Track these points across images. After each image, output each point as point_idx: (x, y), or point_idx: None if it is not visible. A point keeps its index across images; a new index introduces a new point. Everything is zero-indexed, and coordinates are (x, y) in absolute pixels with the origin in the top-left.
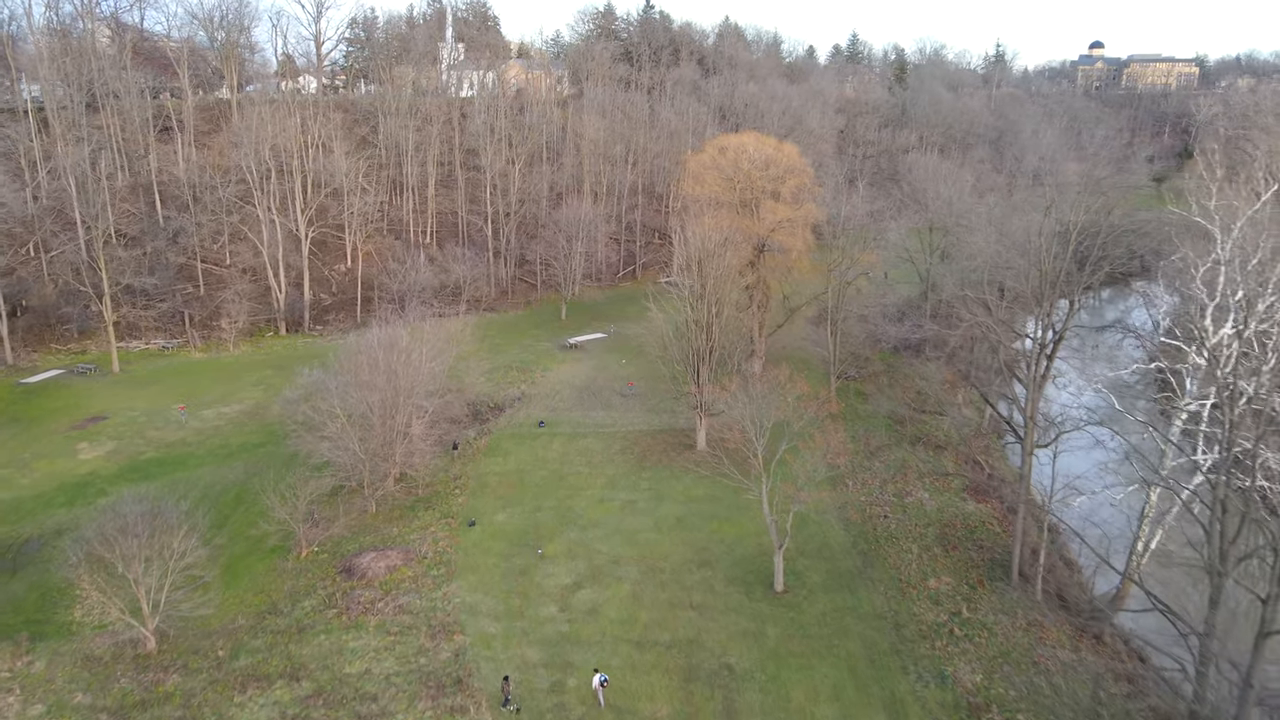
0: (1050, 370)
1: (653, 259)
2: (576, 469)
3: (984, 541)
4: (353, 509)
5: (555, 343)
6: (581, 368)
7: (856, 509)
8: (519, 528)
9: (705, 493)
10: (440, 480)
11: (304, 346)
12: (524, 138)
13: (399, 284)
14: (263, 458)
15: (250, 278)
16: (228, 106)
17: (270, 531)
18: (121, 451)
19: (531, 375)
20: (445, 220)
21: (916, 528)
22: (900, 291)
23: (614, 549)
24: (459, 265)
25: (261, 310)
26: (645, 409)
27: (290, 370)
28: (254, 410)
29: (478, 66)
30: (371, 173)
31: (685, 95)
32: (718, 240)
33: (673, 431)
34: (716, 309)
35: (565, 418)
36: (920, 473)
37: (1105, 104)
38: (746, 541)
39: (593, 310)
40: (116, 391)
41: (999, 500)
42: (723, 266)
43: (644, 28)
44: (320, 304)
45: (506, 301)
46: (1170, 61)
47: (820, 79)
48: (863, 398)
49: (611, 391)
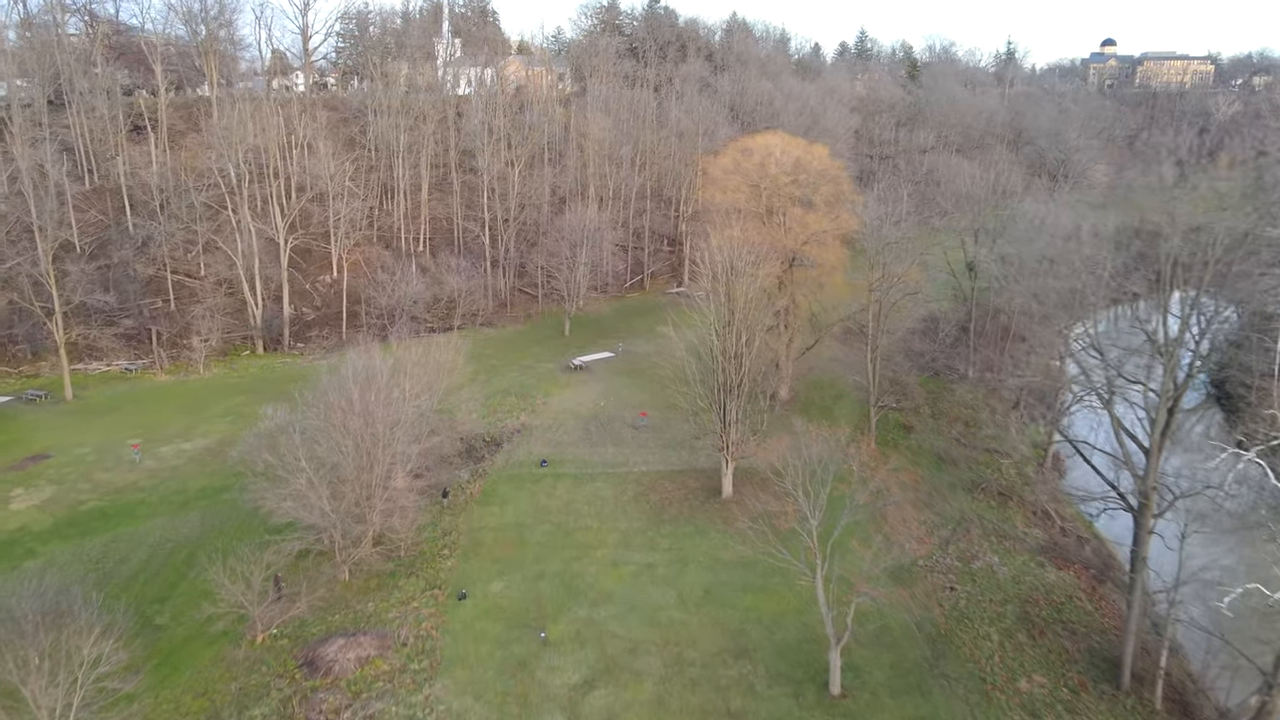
0: (1174, 422)
1: (662, 267)
2: (584, 522)
3: (1075, 624)
4: (321, 578)
5: (558, 363)
6: (588, 393)
7: (916, 574)
8: (517, 602)
9: (735, 554)
10: (426, 538)
11: (282, 368)
12: (524, 138)
13: (388, 297)
14: (223, 508)
15: (226, 290)
16: (207, 105)
17: (219, 614)
18: (60, 500)
19: (532, 402)
20: (439, 227)
21: (992, 604)
22: (935, 304)
23: (631, 631)
24: (453, 276)
25: (237, 326)
26: (660, 444)
27: (265, 396)
28: (218, 447)
29: (475, 63)
30: (360, 175)
31: (694, 93)
32: (749, 258)
33: (693, 473)
34: (747, 337)
35: (570, 455)
36: (985, 529)
37: (1121, 102)
38: (788, 622)
39: (598, 325)
40: (65, 424)
41: (1083, 567)
42: (754, 289)
43: (649, 22)
44: (302, 319)
45: (505, 315)
46: (1185, 59)
47: (831, 76)
48: (905, 432)
49: (622, 423)
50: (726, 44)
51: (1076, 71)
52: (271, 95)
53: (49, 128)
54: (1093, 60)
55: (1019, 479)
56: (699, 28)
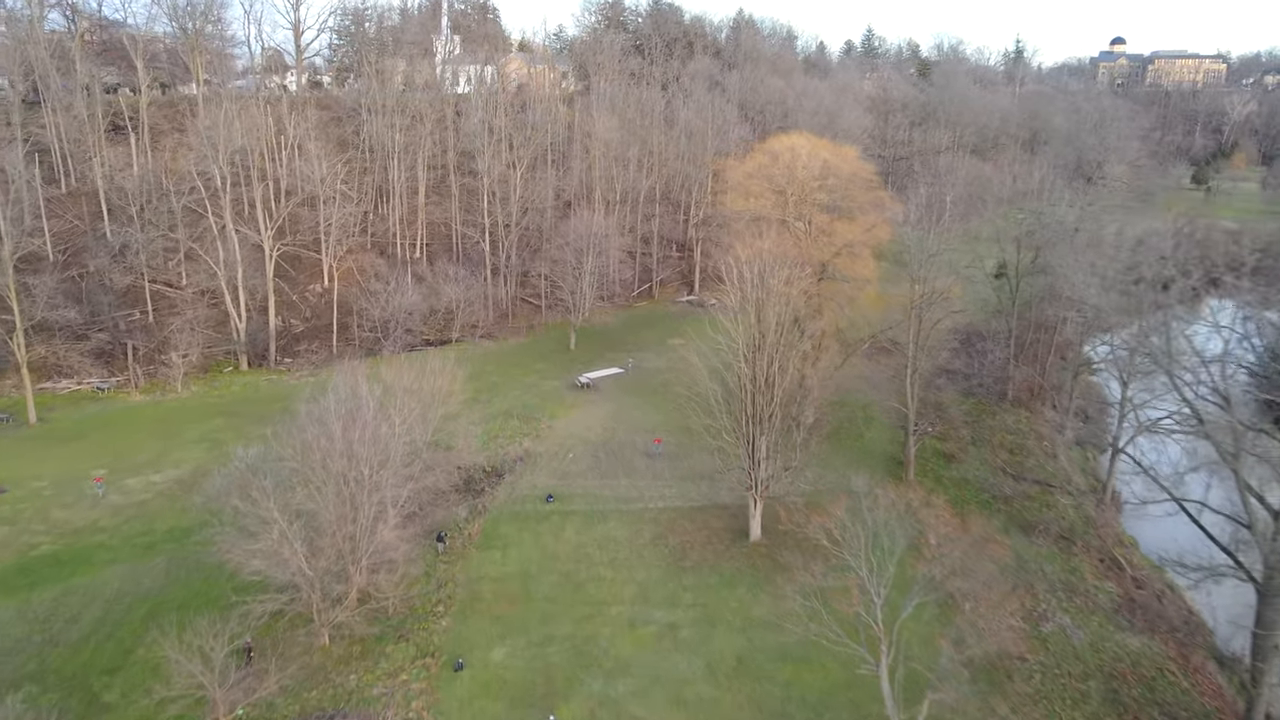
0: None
1: (671, 274)
2: (597, 571)
3: (1173, 706)
4: (296, 646)
5: (563, 381)
6: (597, 414)
7: (979, 638)
8: (522, 673)
9: (768, 610)
10: (418, 593)
11: (267, 386)
12: (526, 138)
13: (381, 309)
14: (192, 552)
15: (209, 301)
16: (193, 104)
17: (173, 696)
18: (10, 544)
19: (536, 425)
20: (437, 232)
21: (1071, 681)
22: (967, 314)
23: (655, 713)
24: (451, 286)
25: (220, 340)
26: (678, 475)
27: (246, 418)
28: (192, 478)
29: (475, 60)
30: (353, 178)
31: (703, 91)
32: (782, 274)
33: (716, 510)
34: (780, 363)
35: (579, 488)
36: (1050, 582)
37: (1134, 102)
38: (837, 701)
39: (605, 337)
40: (24, 451)
41: (1170, 631)
42: (787, 311)
43: (655, 19)
44: (290, 331)
45: (506, 326)
46: (1196, 58)
47: (841, 74)
48: (945, 461)
49: (635, 450)
50: (734, 40)
51: (1085, 70)
52: (261, 94)
53: (22, 127)
54: (1102, 59)
55: (1079, 520)
56: (704, 25)
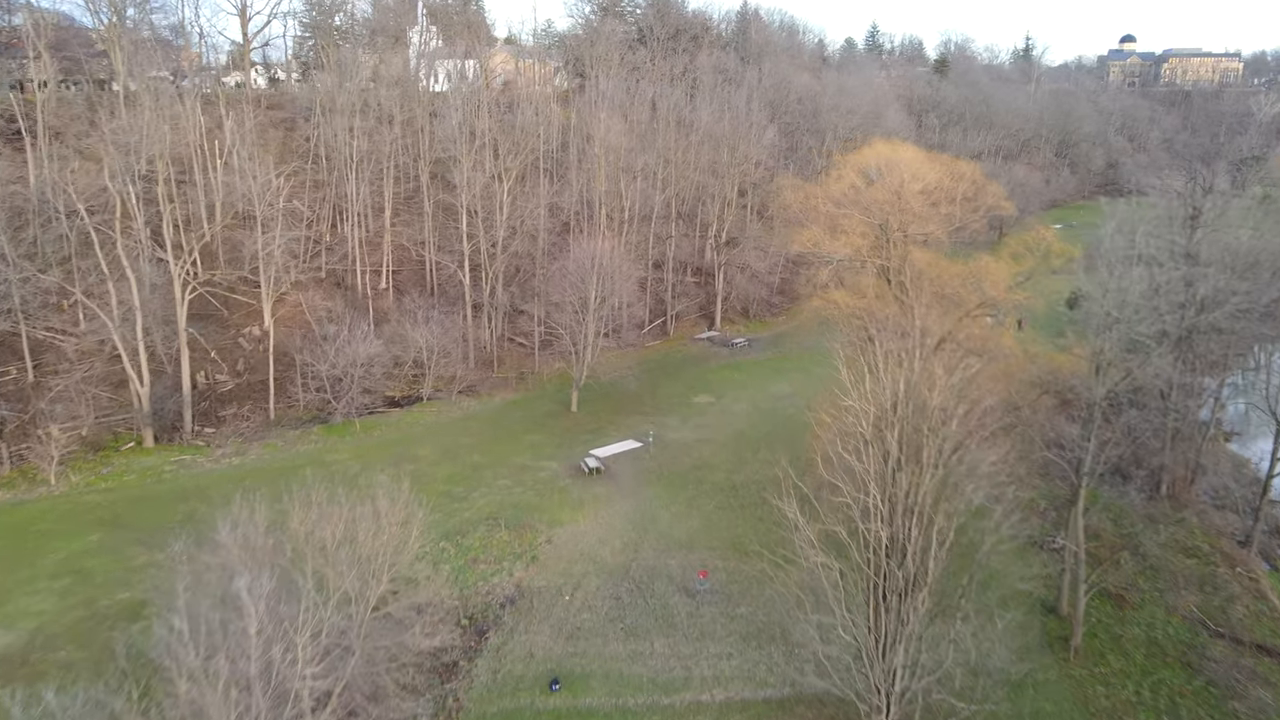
0: None
1: (689, 306)
2: None
3: None
4: None
5: (566, 462)
6: (613, 518)
7: None
8: None
9: None
10: None
11: (173, 473)
12: (515, 144)
13: (331, 362)
14: None
15: (110, 353)
16: (112, 102)
17: None
18: None
19: (532, 540)
20: (407, 259)
21: None
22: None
23: None
24: (423, 330)
25: (120, 407)
26: (738, 634)
27: (134, 529)
28: (22, 651)
29: (454, 54)
30: (303, 193)
31: (720, 87)
32: (955, 383)
33: (805, 704)
34: (940, 524)
35: (595, 662)
36: None
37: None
38: None
39: (615, 394)
40: None
41: None
42: (949, 435)
43: (657, 6)
44: (215, 391)
45: (490, 378)
46: (1211, 56)
47: (862, 70)
48: (1117, 610)
49: (670, 583)
50: (741, 33)
51: (1094, 69)
52: (192, 89)
53: None
54: (1112, 57)
55: None
56: (708, 17)
